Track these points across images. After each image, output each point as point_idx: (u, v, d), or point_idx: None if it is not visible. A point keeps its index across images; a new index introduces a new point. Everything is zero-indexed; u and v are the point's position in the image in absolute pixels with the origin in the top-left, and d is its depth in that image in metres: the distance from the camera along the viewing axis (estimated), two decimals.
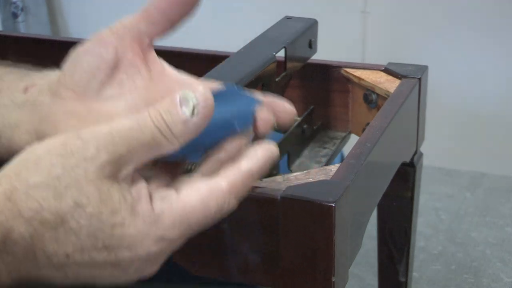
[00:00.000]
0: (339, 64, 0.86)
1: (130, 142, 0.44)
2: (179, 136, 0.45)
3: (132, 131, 0.44)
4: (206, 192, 0.47)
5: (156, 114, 0.45)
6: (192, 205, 0.46)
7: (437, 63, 1.52)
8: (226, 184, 0.47)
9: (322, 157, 0.82)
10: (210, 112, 0.46)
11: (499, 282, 1.48)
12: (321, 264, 0.55)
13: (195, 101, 0.45)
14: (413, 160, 0.84)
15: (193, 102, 0.45)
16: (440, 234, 1.65)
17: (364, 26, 1.96)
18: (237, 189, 0.48)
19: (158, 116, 0.45)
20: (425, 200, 1.75)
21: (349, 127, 0.88)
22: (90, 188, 0.43)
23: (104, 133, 0.44)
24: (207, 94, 0.46)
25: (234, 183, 0.48)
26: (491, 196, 1.81)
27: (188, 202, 0.46)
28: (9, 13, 2.27)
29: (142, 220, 0.44)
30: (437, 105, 1.59)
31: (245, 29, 0.57)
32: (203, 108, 0.45)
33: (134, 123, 0.45)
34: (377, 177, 0.69)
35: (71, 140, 0.44)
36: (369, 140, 0.65)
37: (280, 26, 0.81)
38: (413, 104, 0.80)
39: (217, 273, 0.60)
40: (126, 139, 0.44)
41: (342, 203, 0.55)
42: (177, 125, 0.45)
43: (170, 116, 0.45)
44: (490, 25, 1.85)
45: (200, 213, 0.46)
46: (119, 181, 0.44)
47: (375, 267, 0.94)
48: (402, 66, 0.83)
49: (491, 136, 1.93)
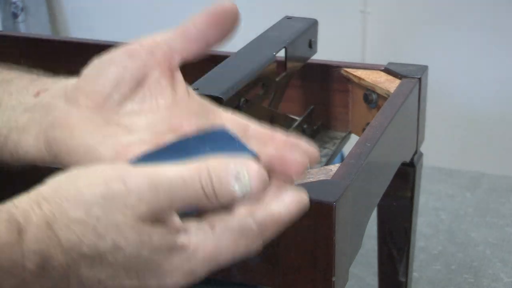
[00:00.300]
0: (339, 64, 0.86)
1: (172, 198, 0.44)
2: (222, 202, 0.45)
3: (177, 188, 0.44)
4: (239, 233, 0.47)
5: (206, 178, 0.45)
6: (225, 245, 0.46)
7: (437, 63, 1.52)
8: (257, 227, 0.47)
9: (322, 157, 0.82)
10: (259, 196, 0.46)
11: (499, 282, 1.48)
12: (321, 264, 0.55)
13: (248, 186, 0.45)
14: (413, 160, 0.84)
15: (246, 183, 0.45)
16: (440, 234, 1.65)
17: (364, 26, 1.96)
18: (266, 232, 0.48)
19: (208, 181, 0.45)
20: (425, 200, 1.75)
21: (349, 127, 0.88)
22: (130, 232, 0.44)
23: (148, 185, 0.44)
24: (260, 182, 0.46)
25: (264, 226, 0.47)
26: (491, 196, 1.81)
27: (221, 241, 0.46)
28: (9, 13, 2.27)
29: (177, 256, 0.45)
30: (437, 105, 1.59)
31: (245, 29, 0.57)
32: (253, 195, 0.46)
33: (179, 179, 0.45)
34: (377, 177, 0.69)
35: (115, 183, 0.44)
36: (369, 140, 0.65)
37: (280, 26, 0.81)
38: (413, 104, 0.80)
39: (217, 273, 0.60)
40: (169, 194, 0.44)
41: (342, 203, 0.55)
42: (224, 196, 0.45)
43: (221, 185, 0.45)
44: (490, 25, 1.85)
45: (231, 253, 0.47)
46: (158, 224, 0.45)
47: (375, 267, 0.94)
48: (402, 66, 0.83)
49: (491, 136, 1.93)
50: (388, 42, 1.96)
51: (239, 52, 0.74)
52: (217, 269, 0.48)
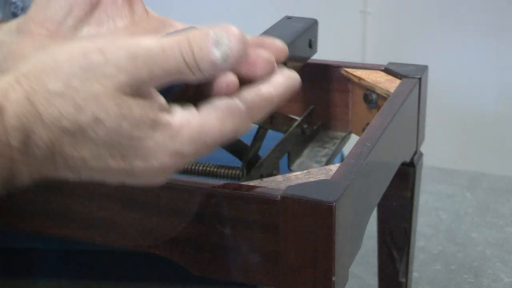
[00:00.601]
0: (339, 64, 0.86)
1: (153, 68, 0.43)
2: (204, 72, 0.44)
3: (156, 57, 0.43)
4: (225, 112, 0.46)
5: (186, 46, 0.44)
6: (210, 124, 0.45)
7: (437, 63, 1.51)
8: (244, 106, 0.46)
9: (322, 157, 0.82)
10: (241, 59, 0.45)
11: (499, 282, 1.48)
12: (321, 264, 0.55)
13: (228, 49, 0.44)
14: (413, 160, 0.84)
15: (226, 47, 0.44)
16: (440, 234, 1.65)
17: (364, 26, 1.96)
18: (254, 111, 0.47)
19: (187, 49, 0.44)
20: (425, 200, 1.75)
21: (349, 127, 0.88)
22: (109, 103, 0.43)
23: (127, 55, 0.43)
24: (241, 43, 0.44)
25: (252, 105, 0.47)
26: (491, 196, 1.81)
27: (207, 120, 0.45)
28: (9, 13, 2.27)
29: (160, 133, 0.44)
30: (437, 105, 1.59)
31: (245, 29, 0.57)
32: (234, 57, 0.44)
33: (159, 49, 0.43)
34: (377, 177, 0.69)
35: (93, 53, 0.43)
36: (369, 140, 0.65)
37: (280, 26, 0.81)
38: (413, 104, 0.80)
39: (218, 273, 0.60)
40: (149, 64, 0.43)
41: (342, 203, 0.55)
42: (205, 63, 0.44)
43: (201, 52, 0.44)
44: (490, 25, 1.85)
45: (217, 132, 0.46)
46: (139, 97, 0.44)
47: (375, 267, 0.94)
48: (402, 66, 0.83)
49: (491, 136, 1.93)
50: (388, 42, 1.96)
51: None
52: (206, 150, 0.46)
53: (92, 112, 0.42)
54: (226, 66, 0.45)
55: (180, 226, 0.59)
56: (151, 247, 0.61)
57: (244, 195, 0.57)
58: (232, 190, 0.57)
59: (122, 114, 0.43)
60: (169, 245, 0.60)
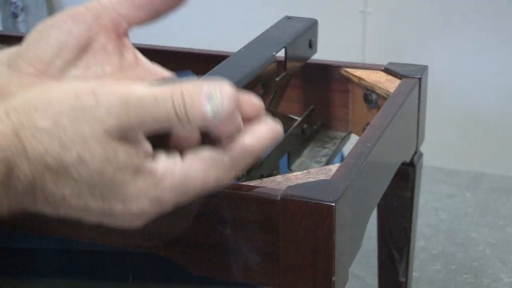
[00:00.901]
0: (339, 64, 0.86)
1: (143, 116, 0.44)
2: (193, 124, 0.45)
3: (148, 105, 0.44)
4: (209, 163, 0.46)
5: (179, 98, 0.44)
6: (193, 174, 0.46)
7: (437, 63, 1.52)
8: (228, 159, 0.47)
9: (322, 157, 0.82)
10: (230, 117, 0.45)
11: (499, 282, 1.48)
12: (321, 264, 0.55)
13: (219, 105, 0.45)
14: (413, 160, 0.84)
15: (217, 103, 0.45)
16: (440, 234, 1.65)
17: (364, 26, 1.96)
18: (238, 163, 0.48)
19: (179, 100, 0.44)
20: (425, 200, 1.75)
21: (349, 127, 0.88)
22: (96, 145, 0.43)
23: (119, 100, 0.43)
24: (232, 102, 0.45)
25: (236, 158, 0.47)
26: (491, 196, 1.81)
27: (190, 170, 0.46)
28: (9, 13, 2.27)
29: (143, 179, 0.45)
30: (437, 105, 1.59)
31: (245, 29, 0.57)
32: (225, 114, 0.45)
33: (151, 97, 0.44)
34: (377, 177, 0.69)
35: (85, 94, 0.43)
36: (369, 140, 0.65)
37: (280, 26, 0.81)
38: (413, 104, 0.80)
39: (217, 273, 0.60)
40: (139, 111, 0.43)
41: (342, 203, 0.55)
42: (195, 116, 0.44)
43: (192, 105, 0.44)
44: (490, 25, 1.85)
45: (200, 182, 0.46)
46: (125, 142, 0.44)
47: (375, 267, 0.94)
48: (402, 66, 0.83)
49: (491, 136, 1.93)
50: (388, 42, 1.96)
51: (239, 52, 0.74)
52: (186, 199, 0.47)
53: (78, 152, 0.43)
54: (215, 121, 0.45)
55: (181, 226, 0.59)
56: (151, 247, 0.61)
57: (244, 195, 0.57)
58: (232, 190, 0.57)
59: (106, 157, 0.43)
60: (169, 245, 0.60)
